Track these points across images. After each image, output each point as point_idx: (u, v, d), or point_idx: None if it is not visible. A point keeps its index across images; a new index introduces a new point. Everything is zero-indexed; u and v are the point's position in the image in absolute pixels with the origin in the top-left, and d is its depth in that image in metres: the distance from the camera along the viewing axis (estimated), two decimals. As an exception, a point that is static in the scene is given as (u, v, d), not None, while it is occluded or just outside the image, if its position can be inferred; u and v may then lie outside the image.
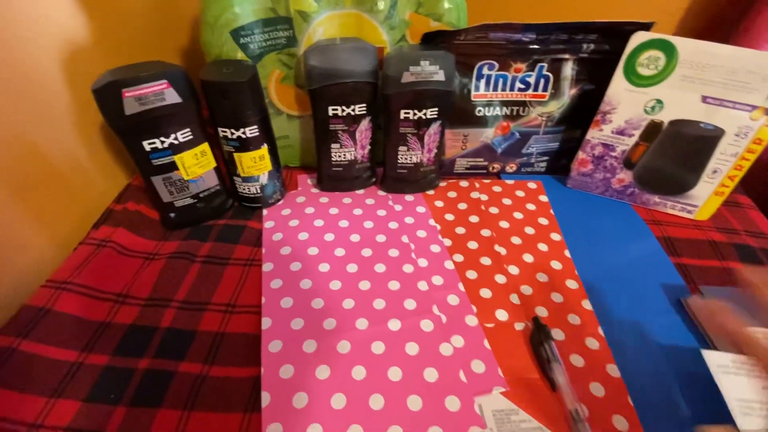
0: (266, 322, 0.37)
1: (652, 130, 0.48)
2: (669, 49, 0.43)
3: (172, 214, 0.46)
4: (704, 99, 0.44)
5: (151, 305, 0.39)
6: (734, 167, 0.47)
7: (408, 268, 0.43)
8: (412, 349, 0.36)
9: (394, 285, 0.41)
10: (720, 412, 0.32)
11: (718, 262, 0.47)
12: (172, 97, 0.38)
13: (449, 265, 0.44)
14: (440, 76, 0.44)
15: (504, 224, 0.50)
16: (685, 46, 0.43)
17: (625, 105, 0.47)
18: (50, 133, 0.42)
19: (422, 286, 0.41)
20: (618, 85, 0.47)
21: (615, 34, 0.46)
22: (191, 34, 0.63)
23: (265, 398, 0.32)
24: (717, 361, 0.35)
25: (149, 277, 0.42)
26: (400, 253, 0.45)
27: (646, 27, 0.44)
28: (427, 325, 0.37)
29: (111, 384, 0.34)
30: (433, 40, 0.46)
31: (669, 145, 0.48)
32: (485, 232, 0.49)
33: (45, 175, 0.42)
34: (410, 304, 0.39)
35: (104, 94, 0.36)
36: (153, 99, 0.37)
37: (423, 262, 0.44)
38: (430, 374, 0.34)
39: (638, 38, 0.44)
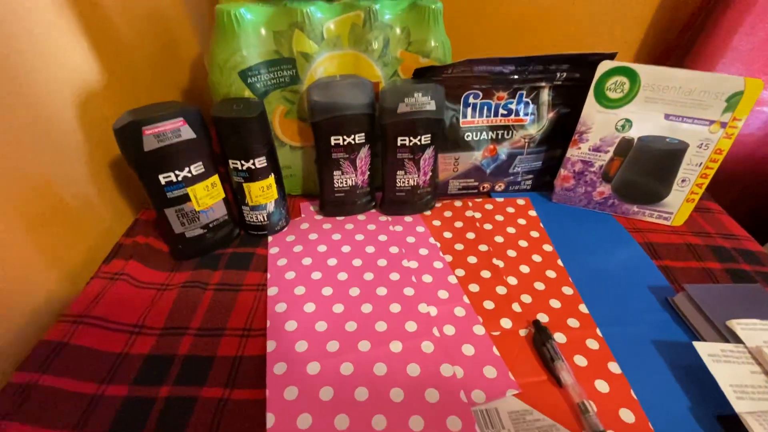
0: (271, 345, 0.39)
1: (625, 145, 0.53)
2: (632, 75, 0.49)
3: (181, 246, 0.47)
4: (667, 116, 0.50)
5: (167, 334, 0.40)
6: (700, 175, 0.52)
7: (408, 291, 0.45)
8: (413, 370, 0.37)
9: (395, 308, 0.43)
10: (716, 396, 0.34)
11: (696, 262, 0.51)
12: (188, 133, 0.41)
13: (452, 279, 0.47)
14: (432, 105, 0.48)
15: (499, 239, 0.53)
16: (646, 71, 0.48)
17: (599, 125, 0.53)
18: (63, 171, 0.44)
19: (422, 308, 0.43)
20: (590, 107, 0.52)
21: (584, 64, 0.51)
22: (190, 72, 0.67)
23: (270, 419, 0.33)
24: (707, 350, 0.38)
25: (163, 307, 0.43)
26: (401, 277, 0.46)
27: (611, 57, 0.50)
28: (427, 347, 0.39)
29: (133, 414, 0.34)
30: (423, 75, 0.50)
31: (640, 159, 0.53)
32: (482, 247, 0.52)
33: (57, 212, 0.44)
34: (411, 326, 0.41)
35: (125, 133, 0.38)
36: (170, 135, 0.40)
37: (427, 278, 0.47)
38: (431, 395, 0.35)
39: (604, 66, 0.49)
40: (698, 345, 0.38)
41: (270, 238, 0.52)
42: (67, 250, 0.45)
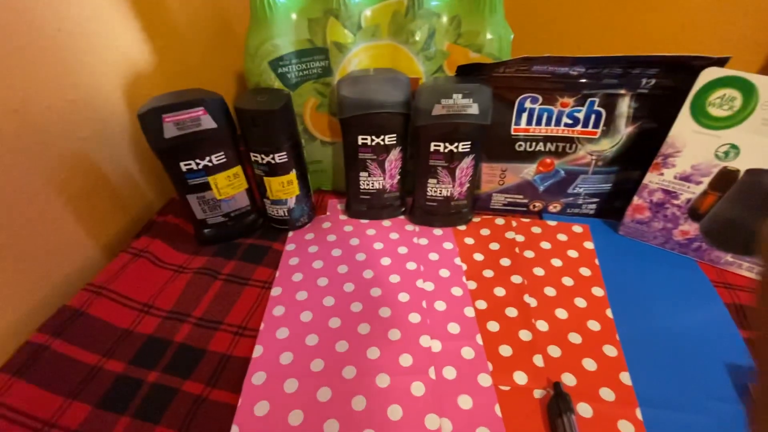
0: (257, 350, 0.37)
1: (725, 178, 0.41)
2: (747, 89, 0.37)
3: (206, 230, 0.48)
4: (795, 147, 0.37)
5: (171, 318, 0.41)
6: (836, 230, 0.38)
7: (414, 318, 0.40)
8: (394, 413, 0.32)
9: (394, 334, 0.38)
10: None
11: (807, 344, 0.38)
12: (208, 122, 0.40)
13: (469, 312, 0.41)
14: (474, 109, 0.42)
15: (539, 271, 0.45)
16: (770, 85, 0.36)
17: (692, 148, 0.41)
18: (106, 149, 0.47)
19: (424, 341, 0.38)
20: (684, 125, 0.41)
21: (681, 69, 0.40)
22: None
23: None
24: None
25: (174, 290, 0.44)
26: (410, 299, 0.42)
27: (720, 62, 0.38)
28: (417, 389, 0.34)
29: (121, 392, 0.35)
30: (470, 73, 0.44)
31: (746, 198, 0.41)
32: (516, 279, 0.45)
33: (97, 187, 0.47)
34: (406, 360, 0.36)
35: (147, 119, 0.39)
36: (190, 124, 0.39)
37: (440, 306, 0.42)
38: None
39: (709, 75, 0.38)
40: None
41: (290, 233, 0.51)
42: (106, 223, 0.49)
